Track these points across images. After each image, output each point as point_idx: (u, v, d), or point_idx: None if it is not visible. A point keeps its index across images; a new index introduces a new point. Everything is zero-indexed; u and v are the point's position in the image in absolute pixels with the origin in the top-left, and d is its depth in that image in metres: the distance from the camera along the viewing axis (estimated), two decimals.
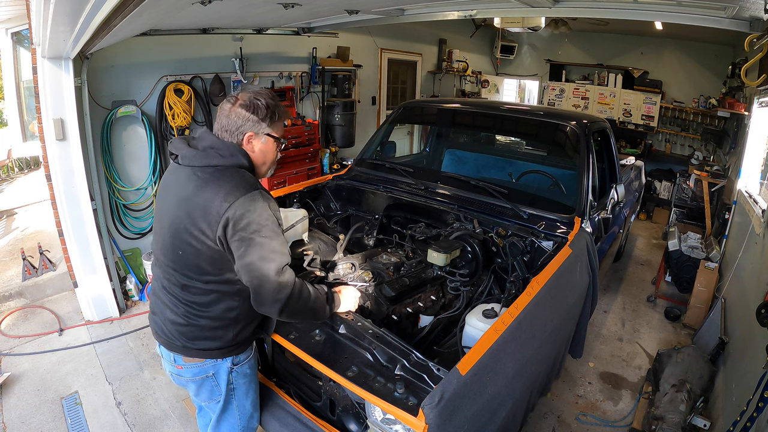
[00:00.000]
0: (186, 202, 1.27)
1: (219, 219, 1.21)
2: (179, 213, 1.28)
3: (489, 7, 3.14)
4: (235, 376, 1.48)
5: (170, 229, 1.31)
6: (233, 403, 1.52)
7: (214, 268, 1.30)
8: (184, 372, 1.44)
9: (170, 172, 1.39)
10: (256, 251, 1.23)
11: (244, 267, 1.24)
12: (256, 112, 1.32)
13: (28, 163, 7.24)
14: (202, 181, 1.26)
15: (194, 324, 1.36)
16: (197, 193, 1.25)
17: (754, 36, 2.30)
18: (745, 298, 2.73)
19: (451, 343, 1.81)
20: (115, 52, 3.31)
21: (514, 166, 3.29)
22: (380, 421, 1.39)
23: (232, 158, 1.30)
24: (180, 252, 1.30)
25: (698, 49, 6.23)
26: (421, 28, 6.38)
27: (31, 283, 3.59)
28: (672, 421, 2.27)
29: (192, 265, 1.30)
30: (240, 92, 1.36)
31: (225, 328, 1.39)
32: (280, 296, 1.27)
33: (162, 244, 1.36)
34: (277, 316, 1.33)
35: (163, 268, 1.37)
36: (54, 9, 1.79)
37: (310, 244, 2.53)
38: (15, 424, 2.34)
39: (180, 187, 1.30)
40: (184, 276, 1.32)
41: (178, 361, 1.43)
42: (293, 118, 4.71)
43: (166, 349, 1.44)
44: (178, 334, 1.38)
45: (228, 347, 1.42)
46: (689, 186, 5.36)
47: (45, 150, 2.95)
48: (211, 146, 1.30)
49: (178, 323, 1.37)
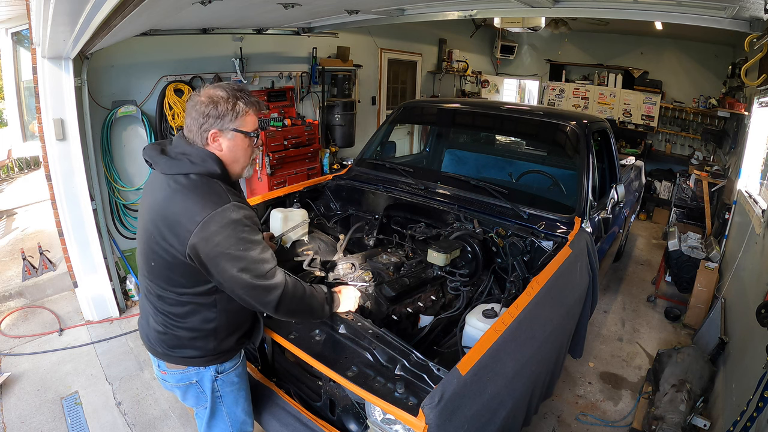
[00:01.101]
0: (157, 212, 1.21)
1: (188, 237, 1.14)
2: (151, 223, 1.22)
3: (489, 7, 3.14)
4: (220, 384, 1.43)
5: (143, 237, 1.27)
6: (222, 410, 1.48)
7: (187, 280, 1.24)
8: (168, 377, 1.42)
9: (151, 179, 1.33)
10: (235, 265, 1.17)
11: (228, 281, 1.19)
12: (216, 106, 1.21)
13: (28, 163, 7.24)
14: (172, 191, 1.19)
15: (172, 333, 1.32)
16: (166, 206, 1.19)
17: (754, 36, 2.30)
18: (745, 298, 2.73)
19: (451, 343, 1.81)
20: (115, 52, 3.31)
21: (514, 166, 3.29)
22: (380, 421, 1.39)
23: (203, 165, 1.21)
24: (152, 263, 1.24)
25: (698, 49, 6.23)
26: (421, 28, 6.38)
27: (31, 283, 3.59)
28: (672, 421, 2.27)
29: (164, 277, 1.25)
30: (203, 87, 1.25)
31: (204, 338, 1.34)
32: (272, 298, 1.24)
33: (138, 252, 1.33)
34: (274, 315, 1.31)
35: (143, 277, 1.34)
36: (54, 9, 1.79)
37: (310, 244, 2.53)
38: (15, 424, 2.34)
39: (154, 195, 1.24)
40: (158, 286, 1.28)
41: (162, 367, 1.40)
42: (293, 118, 4.71)
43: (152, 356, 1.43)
44: (159, 341, 1.35)
45: (210, 356, 1.37)
46: (689, 186, 5.36)
47: (45, 150, 2.95)
48: (182, 152, 1.22)
49: (158, 331, 1.34)
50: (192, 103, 1.23)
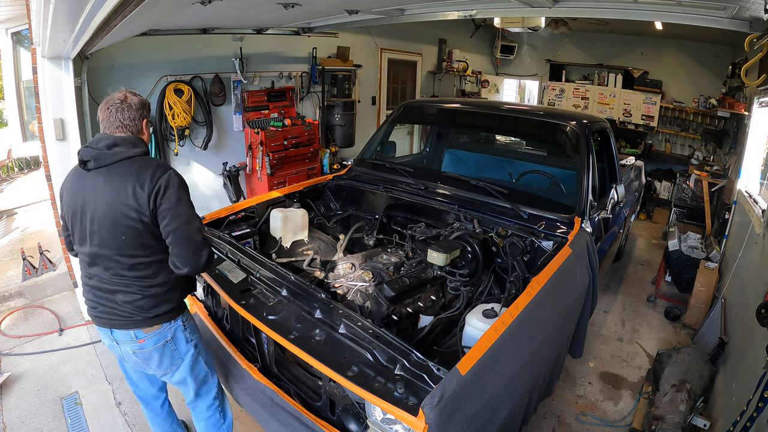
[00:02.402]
0: (117, 195, 1.43)
1: (150, 192, 1.42)
2: (113, 207, 1.44)
3: (489, 7, 3.14)
4: (189, 331, 1.69)
5: (107, 223, 1.46)
6: (197, 356, 1.72)
7: (154, 241, 1.50)
8: (147, 344, 1.59)
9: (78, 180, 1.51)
10: (181, 218, 1.46)
11: (174, 231, 1.46)
12: (141, 102, 1.56)
13: (28, 163, 7.24)
14: (125, 171, 1.45)
15: (148, 295, 1.54)
16: (125, 183, 1.43)
17: (754, 36, 2.30)
18: (745, 298, 2.73)
19: (451, 343, 1.81)
20: (115, 52, 3.31)
21: (514, 166, 3.29)
22: (380, 421, 1.39)
23: (137, 148, 1.50)
24: (123, 237, 1.47)
25: (698, 49, 6.23)
26: (421, 28, 6.38)
27: (31, 283, 3.59)
28: (672, 421, 2.27)
29: (136, 245, 1.48)
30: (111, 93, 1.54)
31: (172, 290, 1.60)
32: (206, 250, 1.52)
33: (100, 241, 1.49)
34: (201, 269, 1.55)
35: (107, 261, 1.51)
36: (54, 9, 1.80)
37: (310, 244, 2.54)
38: (15, 424, 2.34)
39: (103, 188, 1.45)
40: (130, 257, 1.49)
41: (139, 336, 1.58)
42: (293, 118, 4.71)
43: (123, 331, 1.57)
44: (135, 310, 1.54)
45: (178, 307, 1.64)
46: (689, 186, 5.35)
47: (45, 150, 2.96)
48: (114, 143, 1.47)
49: (133, 300, 1.53)
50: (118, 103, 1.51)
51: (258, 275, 1.90)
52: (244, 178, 4.56)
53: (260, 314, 1.67)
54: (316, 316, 1.62)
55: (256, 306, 1.72)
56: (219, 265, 1.99)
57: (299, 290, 1.76)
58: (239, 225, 2.49)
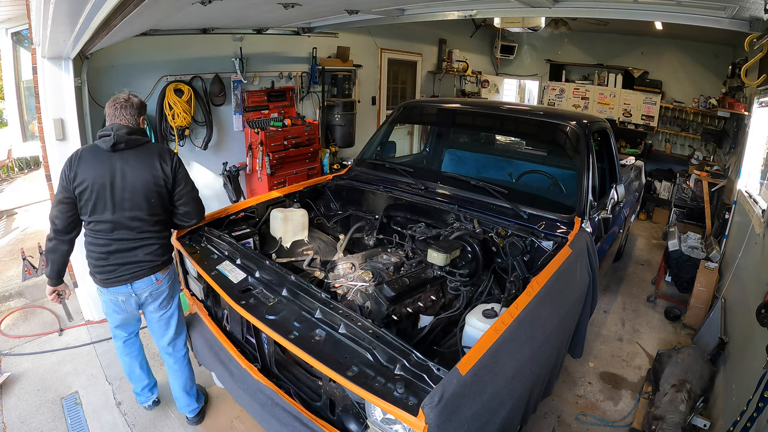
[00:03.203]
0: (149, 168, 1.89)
1: (172, 166, 1.94)
2: (146, 178, 1.87)
3: (489, 7, 3.15)
4: (175, 279, 2.16)
5: (142, 190, 1.87)
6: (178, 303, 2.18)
7: (168, 202, 1.99)
8: (163, 283, 2.05)
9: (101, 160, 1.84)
10: (190, 184, 2.04)
11: (188, 194, 2.02)
12: (141, 102, 1.98)
13: (28, 163, 7.24)
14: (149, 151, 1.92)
15: (162, 244, 2.02)
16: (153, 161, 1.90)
17: (754, 36, 2.29)
18: (745, 298, 2.73)
19: (451, 343, 1.81)
20: (115, 52, 3.31)
21: (514, 166, 3.29)
22: (380, 421, 1.39)
23: (145, 136, 1.97)
24: (152, 200, 1.91)
25: (698, 49, 6.23)
26: (421, 28, 6.38)
27: (31, 283, 3.59)
28: (672, 421, 2.27)
29: (158, 205, 1.95)
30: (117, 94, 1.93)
31: (169, 241, 2.09)
32: (204, 210, 2.16)
33: (132, 205, 1.87)
34: (201, 221, 2.17)
35: (136, 221, 1.90)
36: (54, 9, 1.80)
37: (310, 244, 2.54)
38: (15, 424, 2.34)
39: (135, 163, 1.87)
40: (153, 215, 1.94)
41: (158, 277, 2.02)
42: (293, 118, 4.71)
43: (145, 279, 1.97)
44: (155, 257, 1.98)
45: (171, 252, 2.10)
46: (689, 186, 5.36)
47: (45, 150, 2.95)
48: (132, 131, 1.89)
49: (153, 251, 1.97)
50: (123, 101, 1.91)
51: (258, 275, 1.90)
52: (244, 178, 4.56)
53: (260, 314, 1.67)
54: (316, 316, 1.62)
55: (256, 306, 1.72)
56: (219, 265, 1.99)
57: (299, 290, 1.76)
58: (239, 225, 2.49)
